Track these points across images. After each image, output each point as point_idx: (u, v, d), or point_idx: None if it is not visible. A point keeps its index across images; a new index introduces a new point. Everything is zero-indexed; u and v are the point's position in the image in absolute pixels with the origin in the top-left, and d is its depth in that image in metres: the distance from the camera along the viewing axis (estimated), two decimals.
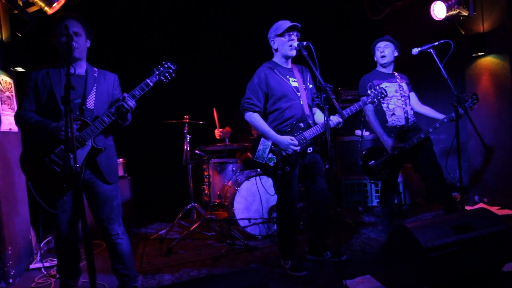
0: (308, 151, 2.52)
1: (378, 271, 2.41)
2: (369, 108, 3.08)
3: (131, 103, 2.02)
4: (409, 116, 3.06)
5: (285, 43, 2.49)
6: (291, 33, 2.48)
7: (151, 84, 2.08)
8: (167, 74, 2.12)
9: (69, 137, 1.51)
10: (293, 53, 2.52)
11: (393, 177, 3.18)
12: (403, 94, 3.08)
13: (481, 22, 3.84)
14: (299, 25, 2.46)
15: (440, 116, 3.00)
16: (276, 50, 2.57)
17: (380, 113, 3.08)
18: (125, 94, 2.03)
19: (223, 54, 4.98)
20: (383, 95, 2.57)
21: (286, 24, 2.48)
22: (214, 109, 4.06)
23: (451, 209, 2.89)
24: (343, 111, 2.42)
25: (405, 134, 2.99)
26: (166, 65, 2.12)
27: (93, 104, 2.08)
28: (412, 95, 3.20)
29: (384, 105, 3.07)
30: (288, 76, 2.54)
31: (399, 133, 2.99)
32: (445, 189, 2.93)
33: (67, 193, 2.05)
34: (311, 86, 2.67)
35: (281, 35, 2.48)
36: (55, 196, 2.02)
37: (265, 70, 2.52)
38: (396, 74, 3.16)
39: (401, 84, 3.10)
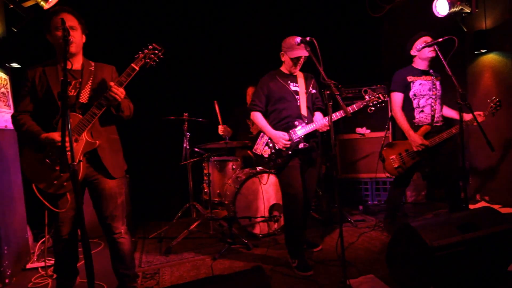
0: (300, 147, 2.64)
1: (382, 271, 2.38)
2: (396, 103, 3.06)
3: (118, 90, 1.96)
4: (435, 115, 3.00)
5: (290, 63, 2.72)
6: (300, 58, 2.67)
7: (137, 68, 2.02)
8: (152, 56, 2.06)
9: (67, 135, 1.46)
10: (295, 71, 2.76)
11: (410, 175, 3.16)
12: (436, 92, 3.02)
13: (484, 19, 3.81)
14: (306, 56, 2.56)
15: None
16: (283, 62, 2.80)
17: (409, 110, 3.05)
18: (111, 83, 1.98)
19: (223, 52, 4.92)
20: (379, 100, 2.62)
21: (297, 51, 2.57)
22: (215, 102, 3.97)
23: (456, 209, 2.88)
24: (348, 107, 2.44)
25: (428, 132, 2.96)
26: (151, 47, 2.07)
27: (87, 98, 2.03)
28: None
29: (415, 102, 3.03)
30: (289, 82, 2.76)
31: (423, 131, 2.97)
32: (458, 193, 2.92)
33: (70, 191, 2.01)
34: (313, 91, 2.85)
35: (291, 55, 2.65)
36: (57, 195, 1.97)
37: (268, 77, 2.79)
38: (431, 71, 3.09)
39: (435, 81, 3.05)
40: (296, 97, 2.71)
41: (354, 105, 2.59)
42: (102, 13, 4.16)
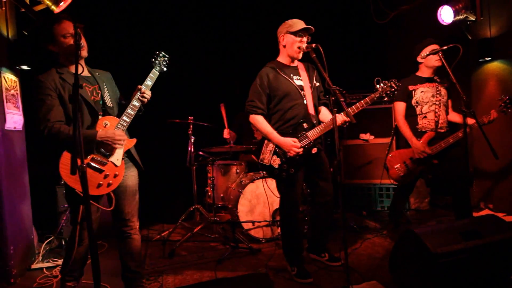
0: (313, 152, 2.47)
1: (385, 277, 2.38)
2: (399, 112, 3.08)
3: (147, 93, 2.11)
4: (439, 121, 3.00)
5: (294, 43, 2.45)
6: (303, 35, 2.46)
7: (158, 72, 2.21)
8: (165, 63, 2.25)
9: (77, 136, 1.49)
10: (299, 56, 2.50)
11: (414, 182, 3.15)
12: (440, 98, 3.02)
13: (488, 27, 3.82)
14: (312, 29, 2.45)
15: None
16: (284, 46, 2.53)
17: (412, 117, 3.06)
18: (140, 86, 2.11)
19: (228, 55, 4.97)
20: (392, 89, 2.37)
21: (301, 24, 2.46)
22: (222, 104, 4.00)
23: (462, 217, 2.83)
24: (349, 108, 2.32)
25: (432, 138, 2.96)
26: (161, 55, 2.24)
27: (110, 102, 2.14)
28: (449, 102, 3.13)
29: (417, 108, 3.05)
30: (292, 75, 2.49)
31: (426, 137, 2.96)
32: (465, 201, 2.86)
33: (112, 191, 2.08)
34: (317, 84, 2.62)
35: (294, 33, 2.44)
36: (99, 196, 2.04)
37: (267, 71, 2.50)
38: (436, 78, 3.09)
39: (439, 88, 3.04)
40: (302, 93, 2.46)
41: (367, 98, 2.35)
42: (107, 17, 4.21)
